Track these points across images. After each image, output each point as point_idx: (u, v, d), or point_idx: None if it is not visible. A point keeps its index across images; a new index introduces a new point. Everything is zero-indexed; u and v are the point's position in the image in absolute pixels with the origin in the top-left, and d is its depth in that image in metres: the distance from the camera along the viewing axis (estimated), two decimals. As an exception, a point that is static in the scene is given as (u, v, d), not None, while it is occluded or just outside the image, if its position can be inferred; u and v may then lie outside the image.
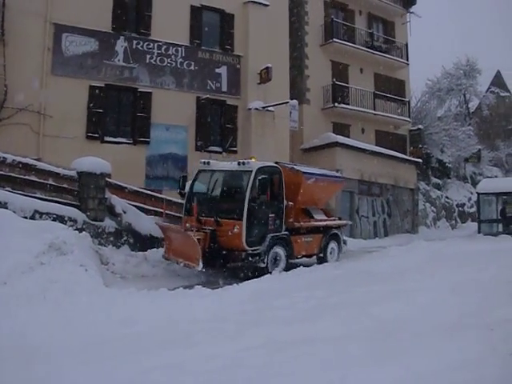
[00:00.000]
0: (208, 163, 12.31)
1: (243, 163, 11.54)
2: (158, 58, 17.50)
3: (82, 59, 16.08)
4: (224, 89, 18.90)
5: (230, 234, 10.91)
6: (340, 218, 15.27)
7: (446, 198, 29.90)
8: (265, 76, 18.69)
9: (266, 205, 11.62)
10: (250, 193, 11.07)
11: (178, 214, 14.25)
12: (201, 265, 10.15)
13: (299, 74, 23.33)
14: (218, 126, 18.94)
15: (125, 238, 12.57)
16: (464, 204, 30.94)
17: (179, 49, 17.92)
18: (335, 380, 4.24)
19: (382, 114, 25.73)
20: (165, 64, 17.62)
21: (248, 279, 10.35)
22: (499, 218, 22.80)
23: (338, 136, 21.90)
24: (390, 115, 26.23)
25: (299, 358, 4.87)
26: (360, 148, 22.04)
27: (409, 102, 28.65)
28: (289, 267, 11.81)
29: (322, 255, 13.50)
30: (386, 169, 23.25)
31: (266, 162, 12.25)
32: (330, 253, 13.79)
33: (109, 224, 12.38)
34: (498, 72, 42.16)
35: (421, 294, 7.71)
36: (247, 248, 10.97)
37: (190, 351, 5.23)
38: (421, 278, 9.51)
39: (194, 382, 4.39)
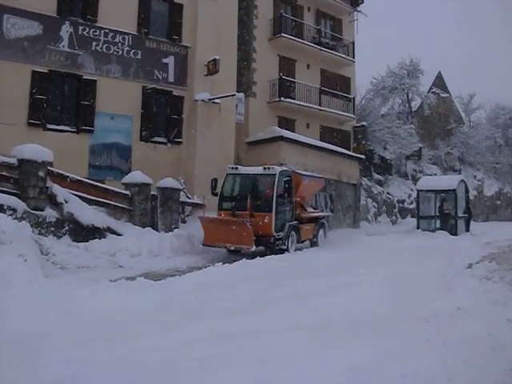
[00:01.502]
0: (236, 168, 15.18)
1: (268, 168, 14.44)
2: (105, 45, 17.16)
3: (24, 43, 15.59)
4: (171, 79, 18.75)
5: (261, 223, 13.72)
6: (322, 211, 18.51)
7: (387, 194, 30.54)
8: (212, 68, 18.62)
9: (285, 200, 14.53)
10: (276, 191, 14.00)
11: (121, 205, 14.16)
12: (254, 246, 13.18)
13: (246, 67, 23.32)
14: (163, 116, 18.76)
15: (66, 228, 12.34)
16: (404, 200, 31.66)
17: (126, 37, 17.64)
18: (277, 369, 4.33)
19: (327, 109, 26.05)
20: (111, 52, 17.31)
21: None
22: (437, 214, 23.51)
23: (283, 130, 21.94)
24: (334, 111, 26.59)
25: (242, 349, 4.93)
26: (304, 143, 22.14)
27: (354, 98, 29.10)
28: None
29: (315, 240, 16.74)
30: (329, 164, 23.46)
31: (282, 167, 15.65)
32: (320, 238, 16.99)
33: (50, 214, 12.13)
34: (440, 73, 43.29)
35: (361, 288, 7.94)
36: (275, 234, 13.89)
37: (133, 343, 5.20)
38: (361, 272, 9.78)
39: (137, 374, 4.37)
